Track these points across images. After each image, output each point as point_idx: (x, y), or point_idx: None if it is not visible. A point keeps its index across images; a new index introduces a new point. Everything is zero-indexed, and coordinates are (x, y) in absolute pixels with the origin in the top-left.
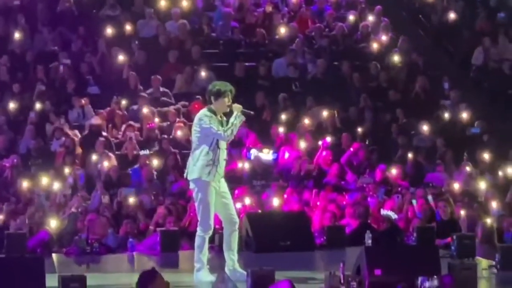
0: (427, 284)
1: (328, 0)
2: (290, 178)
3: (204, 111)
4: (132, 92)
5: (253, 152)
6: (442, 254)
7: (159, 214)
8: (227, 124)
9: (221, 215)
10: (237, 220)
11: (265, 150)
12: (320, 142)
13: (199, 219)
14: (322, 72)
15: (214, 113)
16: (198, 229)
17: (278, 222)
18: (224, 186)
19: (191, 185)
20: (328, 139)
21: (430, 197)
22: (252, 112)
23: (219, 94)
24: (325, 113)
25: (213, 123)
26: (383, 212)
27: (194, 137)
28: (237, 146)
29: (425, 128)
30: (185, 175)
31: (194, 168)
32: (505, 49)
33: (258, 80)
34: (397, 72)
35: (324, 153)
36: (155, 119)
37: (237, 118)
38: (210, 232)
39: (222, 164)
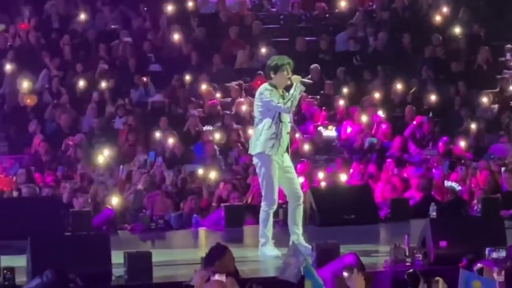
0: (494, 254)
1: None
2: (353, 152)
3: (265, 85)
4: (193, 69)
5: (320, 129)
6: (508, 225)
7: (222, 190)
8: None
9: (285, 189)
10: (301, 194)
11: (330, 127)
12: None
13: (263, 193)
14: (383, 45)
15: (275, 87)
16: (263, 203)
17: (341, 196)
18: (287, 160)
19: (254, 160)
20: (380, 113)
21: (503, 169)
22: (311, 81)
23: (277, 68)
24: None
25: (273, 96)
26: (447, 183)
27: (256, 112)
28: (304, 123)
29: (484, 100)
30: (248, 150)
31: (257, 142)
32: None
33: (319, 54)
34: (459, 43)
35: (383, 126)
36: (216, 95)
37: (296, 89)
38: (275, 207)
39: (285, 138)
